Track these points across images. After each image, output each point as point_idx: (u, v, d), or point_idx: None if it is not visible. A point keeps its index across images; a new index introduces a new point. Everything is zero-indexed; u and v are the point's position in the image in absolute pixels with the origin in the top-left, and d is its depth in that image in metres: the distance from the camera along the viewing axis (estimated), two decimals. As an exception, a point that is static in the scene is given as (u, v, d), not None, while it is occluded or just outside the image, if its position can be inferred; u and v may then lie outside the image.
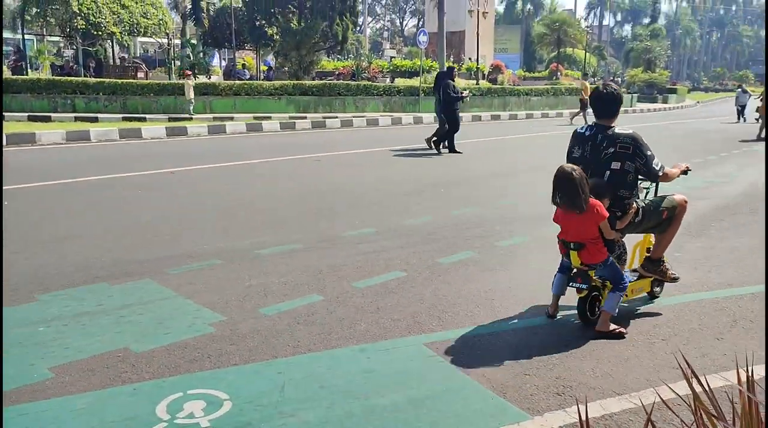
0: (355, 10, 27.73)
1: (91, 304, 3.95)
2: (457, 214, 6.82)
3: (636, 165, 3.80)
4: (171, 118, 18.01)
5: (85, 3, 22.01)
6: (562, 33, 41.07)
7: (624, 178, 3.81)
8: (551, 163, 11.11)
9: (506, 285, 4.46)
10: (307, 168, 10.37)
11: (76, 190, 7.95)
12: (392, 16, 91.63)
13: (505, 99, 27.79)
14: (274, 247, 5.32)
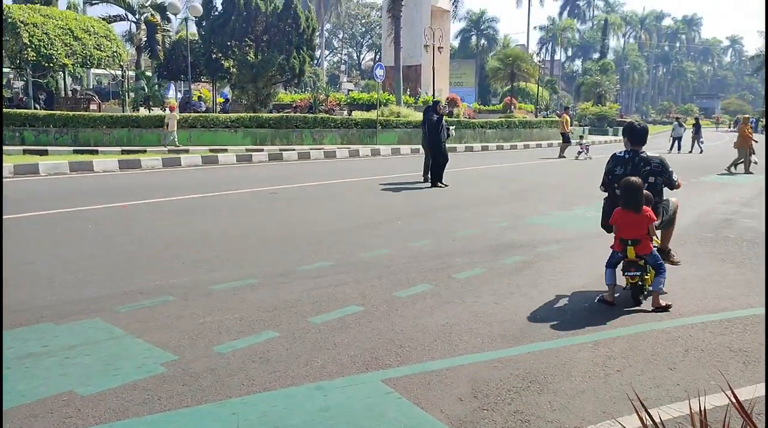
0: (312, 43, 27.89)
1: (36, 345, 3.79)
2: (414, 246, 6.83)
3: (663, 178, 5.19)
4: (124, 151, 17.71)
5: (36, 35, 21.60)
6: (516, 67, 42.10)
7: (656, 188, 5.17)
8: (509, 195, 11.30)
9: (464, 318, 4.46)
10: (262, 201, 10.28)
11: (22, 225, 7.68)
12: (349, 49, 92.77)
13: (461, 131, 28.22)
14: (229, 283, 5.22)
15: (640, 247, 4.81)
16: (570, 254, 6.64)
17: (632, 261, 4.82)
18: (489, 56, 63.61)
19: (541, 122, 35.45)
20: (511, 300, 4.94)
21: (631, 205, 4.81)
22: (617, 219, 4.92)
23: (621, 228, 4.90)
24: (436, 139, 12.80)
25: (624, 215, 4.85)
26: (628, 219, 4.84)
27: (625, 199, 4.85)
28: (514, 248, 6.83)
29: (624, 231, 4.88)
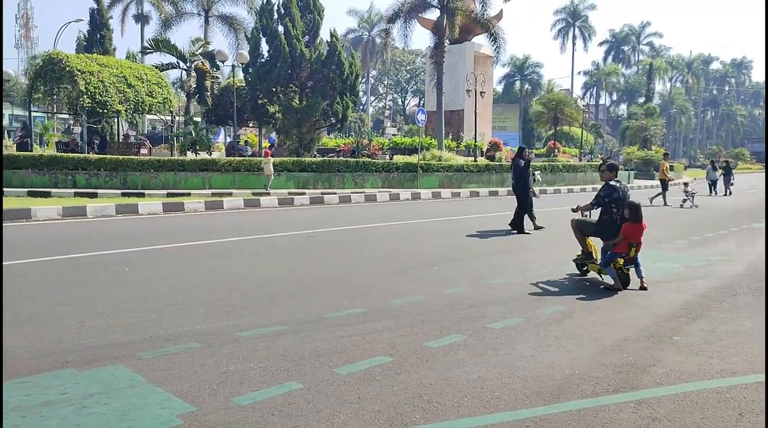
0: (356, 89, 28.36)
1: (55, 393, 3.73)
2: (449, 292, 6.64)
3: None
4: (169, 194, 18.08)
5: (93, 82, 22.54)
6: (559, 112, 41.94)
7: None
8: (549, 240, 10.99)
9: (497, 373, 4.24)
10: (299, 245, 10.25)
11: (60, 267, 7.79)
12: (394, 95, 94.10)
13: (503, 175, 27.99)
14: (257, 330, 5.12)
15: (638, 248, 7.14)
16: (613, 304, 6.33)
17: (631, 258, 7.10)
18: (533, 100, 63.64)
19: (586, 166, 34.94)
20: (549, 353, 4.69)
21: (638, 219, 7.10)
22: (628, 230, 7.07)
23: (630, 235, 7.07)
24: (523, 185, 12.64)
25: (632, 227, 7.07)
26: (634, 229, 7.07)
27: (633, 215, 7.11)
28: (552, 297, 6.57)
29: (632, 237, 7.07)
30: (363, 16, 77.82)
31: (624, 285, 7.03)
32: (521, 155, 13.08)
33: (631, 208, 7.15)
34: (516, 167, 12.87)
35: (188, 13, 47.51)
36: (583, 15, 79.89)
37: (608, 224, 7.44)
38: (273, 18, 26.83)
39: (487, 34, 35.56)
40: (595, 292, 6.83)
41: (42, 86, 23.77)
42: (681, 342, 4.99)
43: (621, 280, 7.03)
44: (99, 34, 34.10)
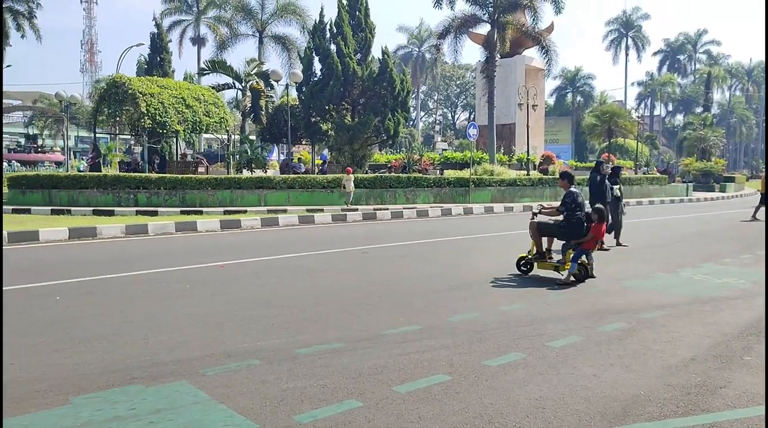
0: (407, 105, 28.48)
1: (124, 408, 3.85)
2: (506, 309, 6.56)
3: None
4: (226, 211, 18.50)
5: (153, 104, 23.34)
6: (613, 124, 41.11)
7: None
8: (606, 256, 10.74)
9: (559, 393, 4.15)
10: (353, 261, 10.31)
11: (124, 284, 8.05)
12: (444, 110, 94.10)
13: (557, 189, 27.56)
14: (315, 346, 5.17)
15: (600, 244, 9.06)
16: (676, 322, 6.13)
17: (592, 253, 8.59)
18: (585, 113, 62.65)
19: (641, 179, 34.07)
20: (611, 372, 4.57)
21: (603, 220, 8.56)
22: (596, 229, 8.47)
23: (597, 234, 8.51)
24: (599, 201, 11.97)
25: (598, 227, 8.46)
26: (601, 229, 8.51)
27: (600, 217, 8.48)
28: (612, 314, 6.41)
29: (599, 236, 8.57)
30: (412, 33, 78.36)
31: (580, 279, 8.19)
32: (598, 170, 12.67)
33: (598, 212, 8.52)
34: (592, 182, 12.46)
35: (243, 35, 48.77)
36: (636, 25, 78.30)
37: (576, 226, 8.55)
38: (325, 37, 27.28)
39: (539, 47, 35.27)
40: (657, 309, 6.63)
41: (106, 108, 24.74)
42: (753, 363, 4.79)
43: (581, 274, 8.21)
44: (159, 57, 35.40)
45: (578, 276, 8.20)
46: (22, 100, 66.72)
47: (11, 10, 51.47)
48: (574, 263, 8.14)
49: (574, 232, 8.51)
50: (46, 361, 4.79)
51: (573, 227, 8.55)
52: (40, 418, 3.70)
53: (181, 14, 54.70)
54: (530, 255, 8.89)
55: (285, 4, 46.25)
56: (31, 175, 22.92)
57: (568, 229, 8.62)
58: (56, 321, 6.06)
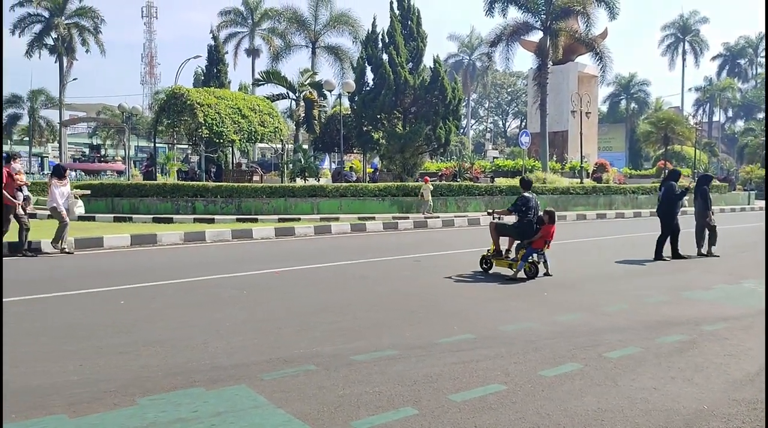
0: (458, 113, 28.44)
1: (187, 410, 3.97)
2: (561, 319, 6.47)
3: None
4: (281, 219, 18.82)
5: (210, 114, 23.99)
6: (669, 130, 39.99)
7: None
8: (665, 265, 10.47)
9: (618, 405, 4.08)
10: (406, 269, 10.35)
11: (184, 290, 8.30)
12: (495, 117, 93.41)
13: (611, 197, 27.04)
14: (370, 353, 5.22)
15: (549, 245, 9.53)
16: (740, 334, 5.94)
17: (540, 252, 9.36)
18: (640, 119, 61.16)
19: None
20: (673, 385, 4.47)
21: (553, 221, 9.49)
22: (546, 230, 9.41)
23: (546, 235, 9.42)
24: (669, 208, 11.83)
25: (549, 228, 9.41)
26: (551, 230, 9.44)
27: (550, 219, 9.48)
28: (672, 326, 6.25)
29: (548, 236, 9.42)
30: (463, 41, 78.23)
31: (531, 276, 9.11)
32: (676, 178, 12.30)
33: (549, 214, 9.52)
34: (669, 190, 11.93)
35: (296, 46, 49.68)
36: (694, 29, 76.03)
37: (527, 226, 9.57)
38: (378, 47, 27.53)
39: (592, 53, 34.73)
40: (719, 321, 6.42)
41: (165, 119, 25.55)
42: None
43: (532, 272, 9.15)
44: (216, 69, 36.37)
45: (529, 274, 9.14)
46: (86, 111, 69.54)
47: (77, 26, 53.76)
48: (522, 261, 9.17)
49: (525, 232, 9.53)
50: (112, 363, 4.98)
51: (524, 228, 9.58)
52: (109, 418, 3.85)
53: (237, 27, 56.16)
54: (489, 254, 9.86)
55: (338, 15, 46.93)
56: (95, 184, 23.82)
57: (520, 229, 9.62)
58: (121, 324, 6.30)
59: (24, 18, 52.30)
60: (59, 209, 11.75)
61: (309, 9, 47.47)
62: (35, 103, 59.57)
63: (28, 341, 5.64)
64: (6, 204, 11.34)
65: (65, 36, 52.63)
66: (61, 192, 11.97)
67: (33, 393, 4.28)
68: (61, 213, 11.76)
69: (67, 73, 55.24)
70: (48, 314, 6.82)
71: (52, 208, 11.83)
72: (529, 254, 9.22)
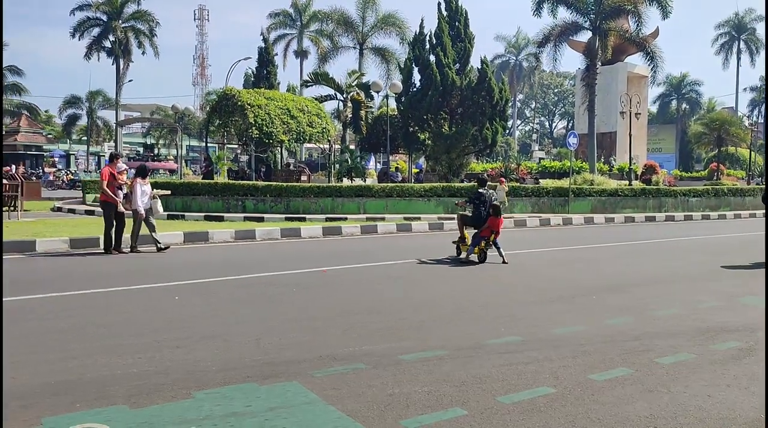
0: (505, 114, 28.22)
1: (240, 404, 4.10)
2: (611, 323, 6.40)
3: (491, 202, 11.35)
4: (328, 218, 19.03)
5: (260, 115, 24.43)
6: (723, 132, 38.78)
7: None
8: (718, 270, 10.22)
9: (671, 412, 4.03)
10: (452, 269, 10.35)
11: (236, 287, 8.50)
12: (541, 118, 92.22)
13: (661, 200, 26.39)
14: (418, 353, 5.27)
15: (496, 235, 10.89)
16: (800, 343, 5.76)
17: (492, 242, 10.83)
18: (691, 121, 59.52)
19: (755, 190, 31.93)
20: (728, 393, 4.38)
21: (498, 214, 10.98)
22: (492, 222, 10.93)
23: (492, 226, 10.89)
24: None
25: (494, 220, 10.90)
26: (495, 222, 10.90)
27: (495, 213, 10.99)
28: (727, 332, 6.11)
29: (493, 227, 10.86)
30: (510, 41, 77.47)
31: (481, 261, 10.83)
32: None
33: (494, 208, 11.15)
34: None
35: (344, 47, 50.06)
36: (749, 27, 73.45)
37: (478, 217, 11.32)
38: (425, 48, 27.53)
39: (642, 53, 33.98)
40: None
41: (217, 119, 26.11)
42: None
43: (481, 257, 10.86)
44: (266, 70, 36.95)
45: (480, 258, 10.86)
46: (140, 112, 71.63)
47: (134, 29, 55.34)
48: (471, 246, 11.00)
49: (476, 222, 11.34)
50: (169, 357, 5.16)
51: (474, 218, 11.44)
52: (167, 410, 4.00)
53: (286, 28, 56.93)
54: (458, 240, 11.62)
55: (385, 16, 47.08)
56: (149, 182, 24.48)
57: (472, 219, 11.48)
58: (176, 319, 6.51)
59: (83, 21, 54.10)
60: (140, 211, 11.95)
61: (356, 10, 47.78)
62: (93, 103, 61.58)
63: (92, 334, 5.90)
64: (108, 201, 11.84)
65: (122, 39, 54.23)
66: (143, 190, 12.18)
67: (95, 384, 4.48)
68: (140, 215, 11.97)
69: (123, 74, 56.93)
70: (111, 308, 7.09)
71: (134, 210, 11.99)
72: (477, 240, 10.92)
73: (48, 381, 4.51)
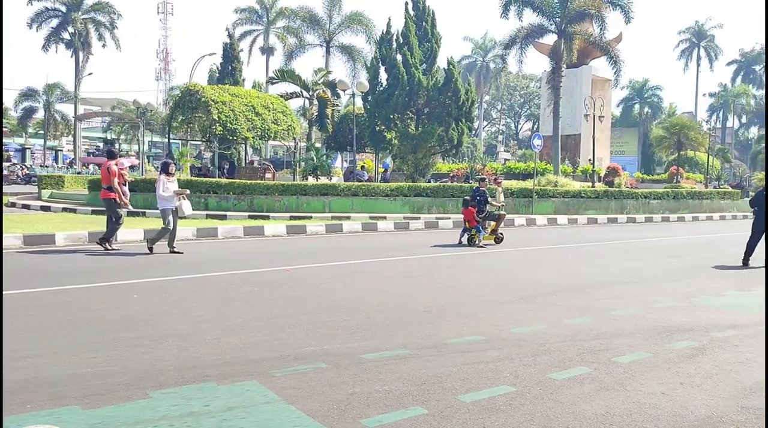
0: (471, 115, 28.41)
1: (198, 404, 4.03)
2: (571, 323, 6.49)
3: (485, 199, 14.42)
4: (292, 217, 18.90)
5: (224, 111, 24.13)
6: (683, 136, 39.73)
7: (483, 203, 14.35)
8: (676, 272, 10.46)
9: (626, 409, 4.10)
10: (417, 269, 10.38)
11: (198, 285, 8.38)
12: (507, 120, 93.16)
13: (623, 202, 26.92)
14: (381, 352, 5.26)
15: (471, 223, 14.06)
16: (751, 342, 5.92)
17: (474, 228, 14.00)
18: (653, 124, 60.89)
19: (712, 193, 32.80)
20: (682, 391, 4.47)
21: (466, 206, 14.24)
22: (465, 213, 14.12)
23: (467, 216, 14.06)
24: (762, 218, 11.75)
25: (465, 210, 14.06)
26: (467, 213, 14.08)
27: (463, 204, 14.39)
28: (682, 332, 6.25)
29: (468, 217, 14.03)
30: (477, 43, 78.03)
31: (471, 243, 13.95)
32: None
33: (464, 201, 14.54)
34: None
35: (310, 44, 49.77)
36: (709, 34, 75.65)
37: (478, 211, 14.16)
38: (392, 47, 27.55)
39: (606, 57, 34.59)
40: (729, 328, 6.41)
41: (180, 115, 25.72)
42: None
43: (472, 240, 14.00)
44: (230, 66, 36.55)
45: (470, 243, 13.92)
46: (101, 106, 70.04)
47: (94, 21, 54.18)
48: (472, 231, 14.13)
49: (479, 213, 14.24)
50: (126, 356, 5.05)
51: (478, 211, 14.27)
52: (122, 410, 3.92)
53: (252, 24, 56.40)
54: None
55: (352, 14, 46.97)
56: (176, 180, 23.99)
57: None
58: (135, 318, 6.38)
59: (41, 12, 52.77)
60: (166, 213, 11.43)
61: (324, 8, 47.57)
62: (51, 96, 60.05)
63: (45, 333, 5.74)
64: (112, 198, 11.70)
65: (82, 31, 53.05)
66: (167, 188, 11.49)
67: (48, 384, 4.36)
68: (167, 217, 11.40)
69: (82, 67, 55.70)
70: (67, 306, 6.91)
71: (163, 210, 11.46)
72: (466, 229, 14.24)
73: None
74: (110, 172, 11.89)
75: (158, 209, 11.75)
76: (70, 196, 25.95)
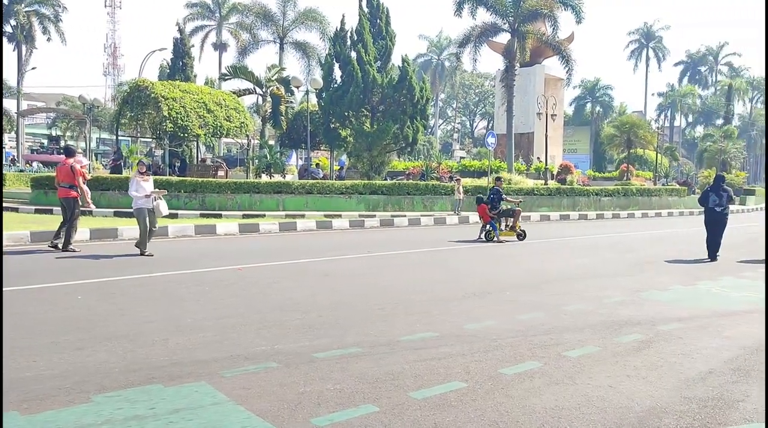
0: (426, 113, 28.54)
1: (144, 407, 3.91)
2: (523, 318, 6.56)
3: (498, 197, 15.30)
4: (245, 215, 18.64)
5: (175, 108, 23.62)
6: (632, 134, 40.80)
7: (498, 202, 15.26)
8: (625, 267, 10.70)
9: (575, 403, 4.15)
10: (371, 267, 10.36)
11: (146, 285, 8.17)
12: (462, 118, 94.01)
13: (575, 199, 27.49)
14: (332, 351, 5.21)
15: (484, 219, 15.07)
16: (694, 334, 6.10)
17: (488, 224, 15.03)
18: (604, 123, 62.38)
19: (661, 190, 33.79)
20: (628, 383, 4.56)
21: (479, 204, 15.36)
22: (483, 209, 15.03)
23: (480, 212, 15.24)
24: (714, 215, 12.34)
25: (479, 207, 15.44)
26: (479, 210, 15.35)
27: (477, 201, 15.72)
28: (630, 326, 6.39)
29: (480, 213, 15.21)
30: (432, 41, 78.49)
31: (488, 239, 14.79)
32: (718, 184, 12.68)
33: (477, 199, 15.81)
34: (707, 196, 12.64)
35: (264, 41, 49.18)
36: (657, 36, 77.97)
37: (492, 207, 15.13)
38: (346, 44, 27.46)
39: (559, 56, 35.20)
40: (674, 321, 6.59)
41: (128, 112, 25.08)
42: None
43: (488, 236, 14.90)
44: (181, 62, 35.81)
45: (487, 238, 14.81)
46: (45, 101, 67.75)
47: (37, 14, 52.38)
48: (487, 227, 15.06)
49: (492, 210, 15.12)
50: (69, 359, 4.88)
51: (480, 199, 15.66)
52: (63, 415, 3.77)
53: (204, 20, 55.35)
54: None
55: (306, 11, 46.63)
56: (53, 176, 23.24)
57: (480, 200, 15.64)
58: (79, 319, 6.17)
59: (-18, 4, 50.72)
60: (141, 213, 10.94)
61: (277, 4, 47.08)
62: (-8, 91, 57.78)
63: (-20, 336, 5.49)
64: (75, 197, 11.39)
65: (25, 23, 51.20)
66: (141, 187, 10.95)
67: (-16, 389, 4.17)
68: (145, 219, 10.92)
69: (25, 61, 53.77)
70: (7, 308, 6.63)
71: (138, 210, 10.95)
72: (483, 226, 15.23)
73: (-72, 388, 4.16)
74: (74, 171, 11.48)
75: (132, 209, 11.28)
76: (12, 194, 25.05)
